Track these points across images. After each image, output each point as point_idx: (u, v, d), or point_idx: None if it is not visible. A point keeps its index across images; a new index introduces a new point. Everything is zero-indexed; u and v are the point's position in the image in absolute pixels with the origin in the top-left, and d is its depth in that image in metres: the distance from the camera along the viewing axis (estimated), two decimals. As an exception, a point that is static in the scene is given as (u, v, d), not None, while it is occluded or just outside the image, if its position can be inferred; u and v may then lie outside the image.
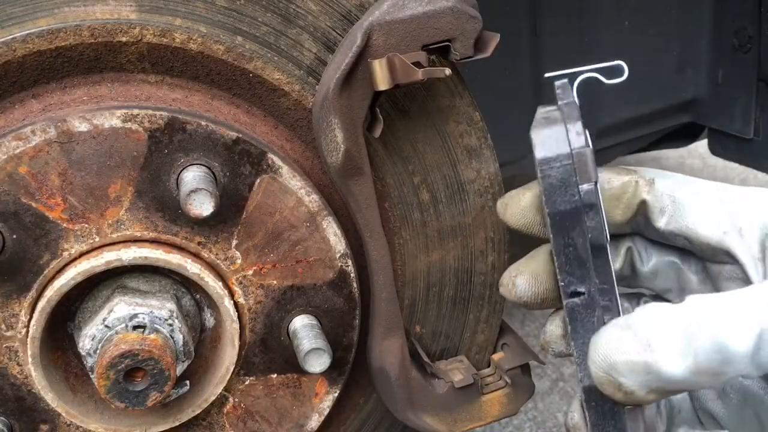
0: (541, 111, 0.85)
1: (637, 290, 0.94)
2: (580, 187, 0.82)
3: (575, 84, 0.85)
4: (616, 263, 0.92)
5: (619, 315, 0.82)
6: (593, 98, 1.75)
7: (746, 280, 0.83)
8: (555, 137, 0.82)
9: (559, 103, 0.84)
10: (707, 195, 0.86)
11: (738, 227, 0.83)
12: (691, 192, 0.87)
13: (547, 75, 0.84)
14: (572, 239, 0.82)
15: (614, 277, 0.83)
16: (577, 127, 0.82)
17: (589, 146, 0.82)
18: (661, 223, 0.87)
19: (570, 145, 0.82)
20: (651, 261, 0.93)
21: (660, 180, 0.88)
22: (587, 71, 0.85)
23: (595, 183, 0.82)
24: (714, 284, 0.89)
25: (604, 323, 0.80)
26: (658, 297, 0.95)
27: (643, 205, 0.88)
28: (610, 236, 0.85)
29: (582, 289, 0.83)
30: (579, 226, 0.82)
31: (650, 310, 0.75)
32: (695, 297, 0.74)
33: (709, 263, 0.88)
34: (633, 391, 0.74)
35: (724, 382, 0.72)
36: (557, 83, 0.85)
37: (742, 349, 0.69)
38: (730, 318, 0.70)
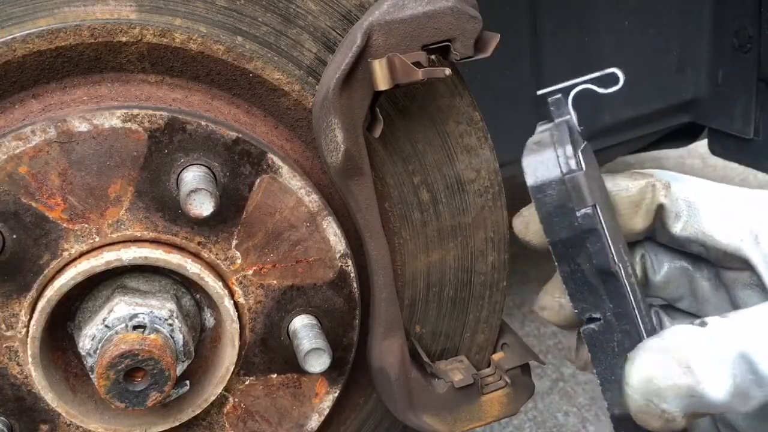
0: (537, 132, 0.84)
1: (648, 299, 0.93)
2: (577, 212, 0.80)
3: (570, 98, 0.84)
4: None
5: (640, 339, 0.79)
6: (593, 98, 1.75)
7: (762, 287, 0.81)
8: (545, 163, 0.80)
9: (554, 121, 0.83)
10: (723, 200, 0.84)
11: (755, 234, 0.81)
12: (707, 196, 0.84)
13: (540, 92, 0.83)
14: (578, 265, 0.80)
15: (632, 300, 0.80)
16: (567, 150, 0.80)
17: (581, 169, 0.80)
18: (677, 228, 0.85)
19: (561, 170, 0.80)
20: (663, 269, 0.90)
21: (675, 184, 0.86)
22: (582, 83, 0.84)
23: (594, 206, 0.79)
24: (728, 291, 0.87)
25: (626, 348, 0.78)
26: (669, 306, 0.94)
27: (660, 210, 0.86)
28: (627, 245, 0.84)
29: (597, 315, 0.80)
30: (583, 252, 0.80)
31: (681, 331, 0.72)
32: (720, 318, 0.72)
33: (722, 270, 0.86)
34: (674, 418, 0.72)
35: (756, 405, 0.70)
36: (550, 99, 0.83)
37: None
38: (764, 338, 0.68)
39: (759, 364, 0.68)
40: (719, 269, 0.87)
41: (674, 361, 0.71)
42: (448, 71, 0.86)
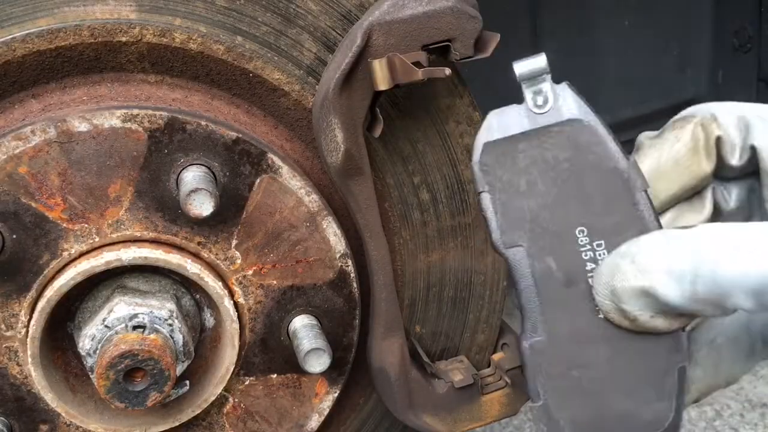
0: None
1: None
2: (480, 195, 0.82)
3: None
4: (704, 213, 0.87)
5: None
6: (593, 99, 1.75)
7: None
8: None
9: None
10: None
11: None
12: (755, 116, 0.83)
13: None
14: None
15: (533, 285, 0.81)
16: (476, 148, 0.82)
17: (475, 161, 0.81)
18: (735, 158, 0.84)
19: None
20: (732, 195, 0.88)
21: (722, 115, 0.84)
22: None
23: (482, 192, 0.81)
24: None
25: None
26: None
27: (719, 143, 0.83)
28: (695, 192, 0.83)
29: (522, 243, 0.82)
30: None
31: (653, 237, 0.75)
32: (706, 225, 0.73)
33: None
34: (636, 317, 0.75)
35: (731, 312, 0.72)
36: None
37: (743, 285, 0.69)
38: (734, 252, 0.70)
39: (724, 274, 0.69)
40: None
41: (631, 264, 0.74)
42: (448, 71, 0.86)
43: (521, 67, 0.80)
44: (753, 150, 0.84)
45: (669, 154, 0.85)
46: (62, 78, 0.91)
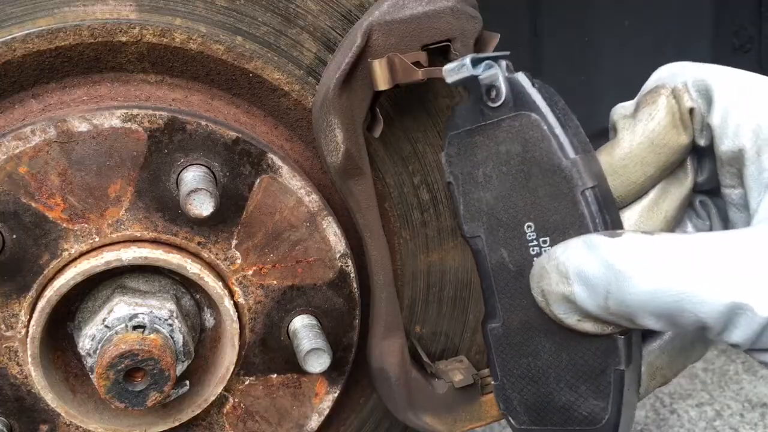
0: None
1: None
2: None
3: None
4: (686, 184, 0.83)
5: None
6: (592, 98, 1.75)
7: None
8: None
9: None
10: (741, 92, 0.77)
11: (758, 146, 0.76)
12: (724, 88, 0.78)
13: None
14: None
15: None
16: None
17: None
18: (702, 140, 0.80)
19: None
20: (704, 168, 0.84)
21: (694, 81, 0.79)
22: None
23: (449, 184, 0.84)
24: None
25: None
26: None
27: (692, 112, 0.79)
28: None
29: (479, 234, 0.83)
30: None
31: (576, 243, 0.74)
32: (631, 235, 0.72)
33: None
34: (562, 320, 0.76)
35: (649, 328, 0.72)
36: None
37: (649, 307, 0.70)
38: (646, 271, 0.70)
39: (625, 291, 0.70)
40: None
41: (555, 270, 0.75)
42: None
43: (449, 76, 0.80)
44: (709, 128, 0.79)
45: (643, 136, 0.81)
46: (62, 78, 0.91)
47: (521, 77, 0.80)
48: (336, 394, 1.01)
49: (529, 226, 0.80)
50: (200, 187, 0.86)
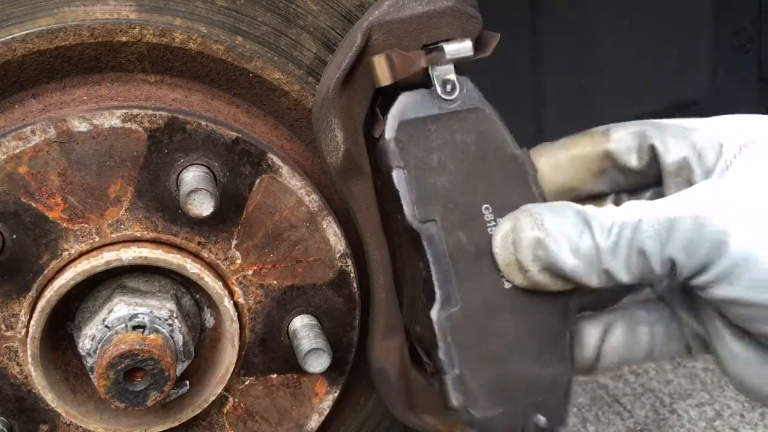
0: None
1: None
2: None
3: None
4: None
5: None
6: (592, 98, 1.75)
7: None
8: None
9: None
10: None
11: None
12: (649, 124, 0.89)
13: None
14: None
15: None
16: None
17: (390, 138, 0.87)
18: (633, 161, 0.89)
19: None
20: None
21: (616, 129, 0.90)
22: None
23: (401, 168, 0.86)
24: None
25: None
26: None
27: (609, 155, 0.90)
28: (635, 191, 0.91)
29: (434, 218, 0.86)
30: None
31: (552, 203, 0.84)
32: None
33: None
34: (528, 269, 0.81)
35: (612, 284, 0.80)
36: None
37: (598, 244, 0.78)
38: (604, 224, 0.78)
39: (596, 237, 0.78)
40: None
41: (529, 218, 0.81)
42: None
43: (449, 54, 0.85)
44: (653, 151, 0.88)
45: (549, 158, 0.91)
46: (62, 78, 0.91)
47: (468, 79, 0.88)
48: (336, 394, 1.01)
49: (487, 208, 0.86)
50: (200, 187, 0.86)
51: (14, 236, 0.87)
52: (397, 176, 0.86)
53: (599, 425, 1.96)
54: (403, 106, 0.87)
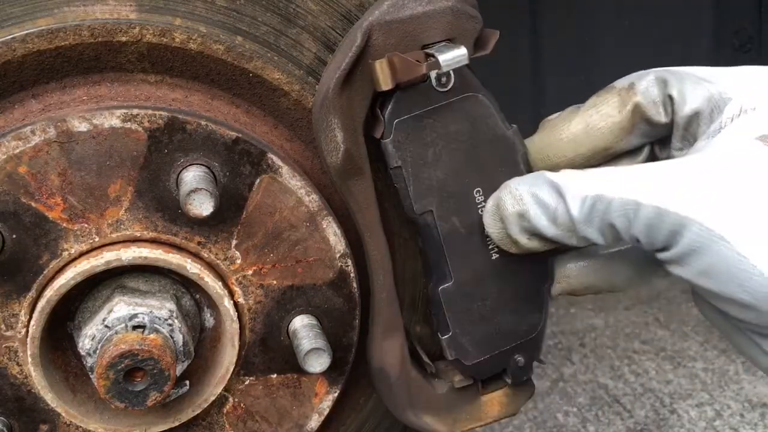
0: None
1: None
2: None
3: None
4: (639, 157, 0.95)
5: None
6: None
7: None
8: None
9: None
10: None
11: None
12: (670, 72, 0.90)
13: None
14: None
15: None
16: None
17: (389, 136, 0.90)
18: (662, 116, 0.90)
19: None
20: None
21: (639, 80, 0.91)
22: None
23: (399, 167, 0.91)
24: None
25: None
26: None
27: (639, 108, 0.90)
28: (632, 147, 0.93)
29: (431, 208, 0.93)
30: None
31: (526, 175, 0.89)
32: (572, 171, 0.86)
33: None
34: (517, 240, 0.88)
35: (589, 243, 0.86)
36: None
37: (573, 216, 0.83)
38: (573, 188, 0.83)
39: (569, 204, 0.83)
40: None
41: (509, 195, 0.87)
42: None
43: (446, 67, 0.86)
44: (672, 101, 0.89)
45: (581, 120, 0.92)
46: (62, 78, 0.91)
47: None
48: (336, 394, 1.01)
49: (478, 191, 0.93)
50: (200, 187, 0.86)
51: (14, 236, 0.87)
52: (396, 175, 0.91)
53: (599, 425, 1.96)
54: (399, 105, 0.89)
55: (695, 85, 0.88)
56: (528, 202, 0.86)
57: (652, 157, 0.95)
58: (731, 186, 0.78)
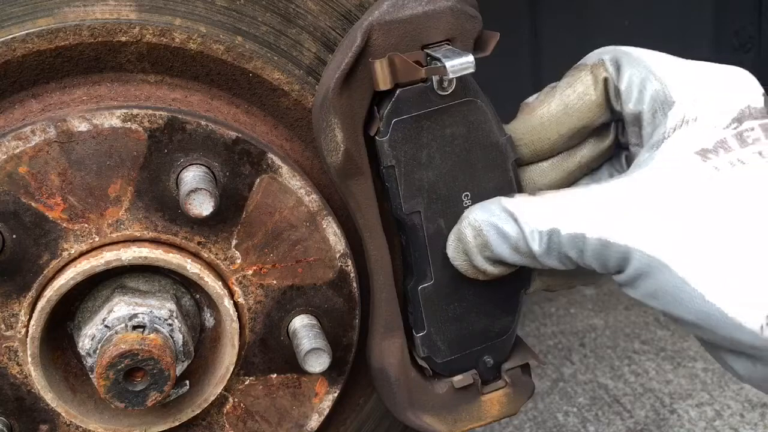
0: None
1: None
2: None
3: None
4: (605, 143, 0.97)
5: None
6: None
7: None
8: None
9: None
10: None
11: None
12: (626, 54, 0.91)
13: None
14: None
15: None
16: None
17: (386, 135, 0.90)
18: (617, 105, 0.91)
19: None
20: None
21: (607, 58, 0.92)
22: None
23: (391, 167, 0.91)
24: None
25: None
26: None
27: (606, 84, 0.92)
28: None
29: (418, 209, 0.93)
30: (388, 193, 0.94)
31: (481, 204, 0.90)
32: (524, 196, 0.89)
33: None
34: (485, 269, 0.91)
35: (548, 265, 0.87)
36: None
37: (533, 250, 0.85)
38: (531, 217, 0.85)
39: (524, 228, 0.85)
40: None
41: (469, 227, 0.89)
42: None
43: (453, 73, 0.86)
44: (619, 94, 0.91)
45: (560, 101, 0.93)
46: (62, 78, 0.91)
47: None
48: (336, 394, 1.01)
49: (466, 195, 0.94)
50: (200, 187, 0.86)
51: (14, 236, 0.87)
52: (388, 174, 0.91)
53: (599, 425, 1.96)
54: (399, 104, 0.89)
55: (644, 81, 0.88)
56: (488, 233, 0.88)
57: (617, 142, 0.97)
58: (670, 210, 0.80)
